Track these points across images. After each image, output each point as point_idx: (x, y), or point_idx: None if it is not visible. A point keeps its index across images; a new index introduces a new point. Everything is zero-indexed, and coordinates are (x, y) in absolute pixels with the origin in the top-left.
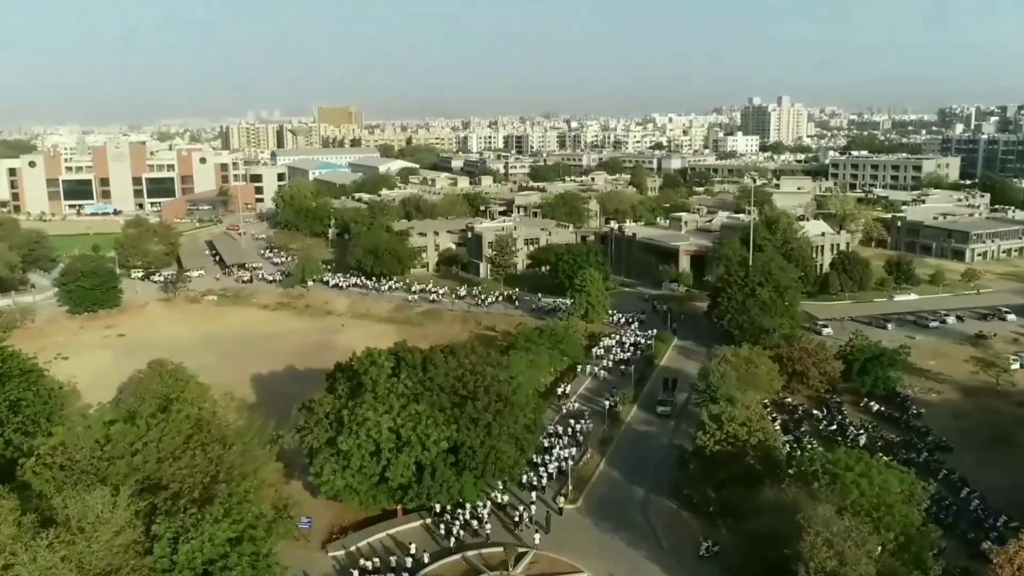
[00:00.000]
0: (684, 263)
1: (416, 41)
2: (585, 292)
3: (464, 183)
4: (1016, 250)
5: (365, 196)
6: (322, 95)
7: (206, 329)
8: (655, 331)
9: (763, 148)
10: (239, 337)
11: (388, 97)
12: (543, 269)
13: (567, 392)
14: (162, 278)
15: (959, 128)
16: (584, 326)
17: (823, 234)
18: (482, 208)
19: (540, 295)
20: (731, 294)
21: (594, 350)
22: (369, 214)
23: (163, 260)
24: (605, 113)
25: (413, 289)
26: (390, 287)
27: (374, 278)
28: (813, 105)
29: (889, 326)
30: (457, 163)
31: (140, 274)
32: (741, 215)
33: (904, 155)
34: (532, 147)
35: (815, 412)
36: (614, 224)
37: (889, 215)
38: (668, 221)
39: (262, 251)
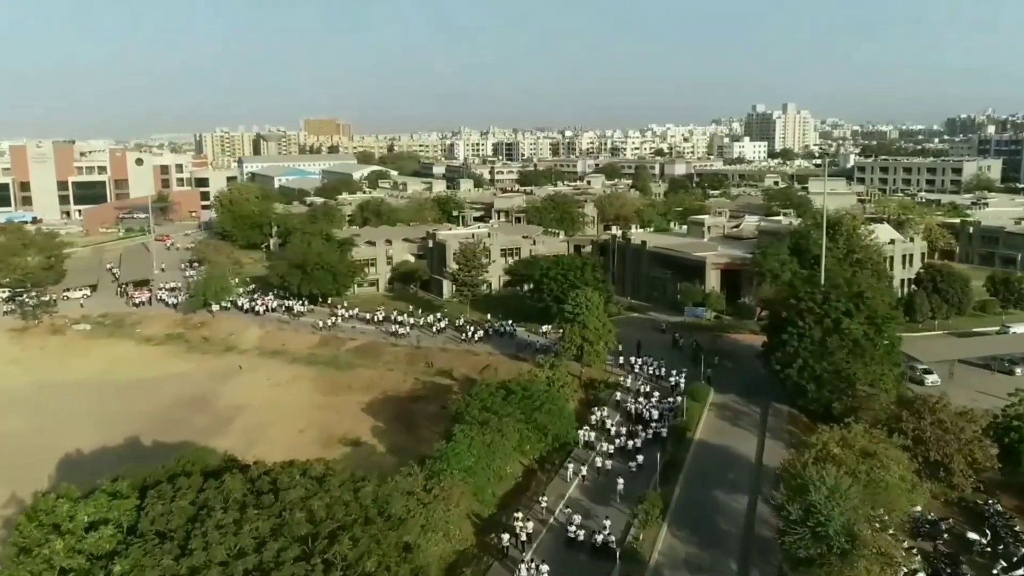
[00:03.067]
0: (712, 280)
1: (411, 58)
2: (579, 322)
3: (442, 188)
4: None
5: (319, 200)
6: (314, 110)
7: (52, 373)
8: (683, 376)
9: (771, 155)
10: (91, 386)
11: (381, 113)
12: (524, 288)
13: (526, 538)
14: (15, 301)
15: (991, 130)
16: (582, 372)
17: (892, 241)
18: (455, 214)
19: (547, 328)
20: (803, 329)
21: (581, 433)
22: (309, 219)
23: (43, 276)
24: (601, 126)
25: (377, 319)
26: (341, 315)
27: (304, 300)
28: (814, 116)
29: (1018, 370)
30: (439, 169)
31: (5, 294)
32: (781, 218)
33: (936, 158)
34: (523, 155)
35: (972, 536)
36: (616, 231)
37: (956, 220)
38: (686, 227)
39: (182, 265)
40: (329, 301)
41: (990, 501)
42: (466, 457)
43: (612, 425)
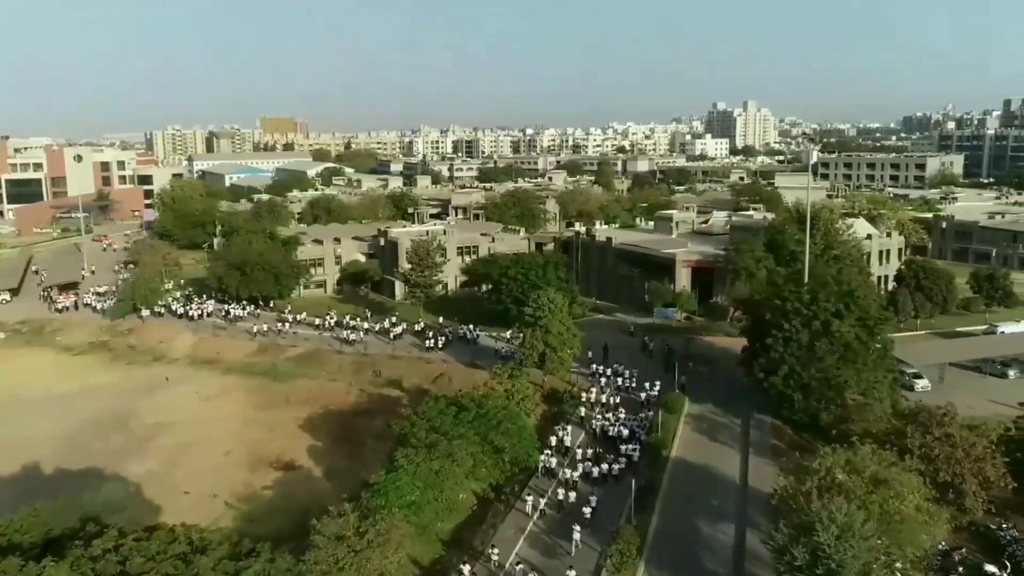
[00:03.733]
0: (683, 278)
1: (373, 59)
2: (541, 326)
3: (398, 185)
4: None
5: (266, 197)
6: (273, 110)
7: None
8: (656, 388)
9: (733, 152)
10: None
11: (341, 112)
12: (483, 289)
13: None
14: None
15: (951, 126)
16: (544, 381)
17: (869, 236)
18: (410, 211)
19: (510, 335)
20: (789, 332)
21: (542, 458)
22: (253, 216)
23: None
24: (562, 125)
25: (327, 323)
26: (285, 320)
27: (245, 303)
28: (774, 114)
29: (1011, 373)
30: (397, 167)
31: None
32: (753, 213)
33: (899, 154)
34: (484, 152)
35: (989, 568)
36: (580, 227)
37: (929, 215)
38: (653, 223)
39: (116, 267)
40: (272, 305)
41: (1004, 526)
42: (409, 490)
43: (577, 446)
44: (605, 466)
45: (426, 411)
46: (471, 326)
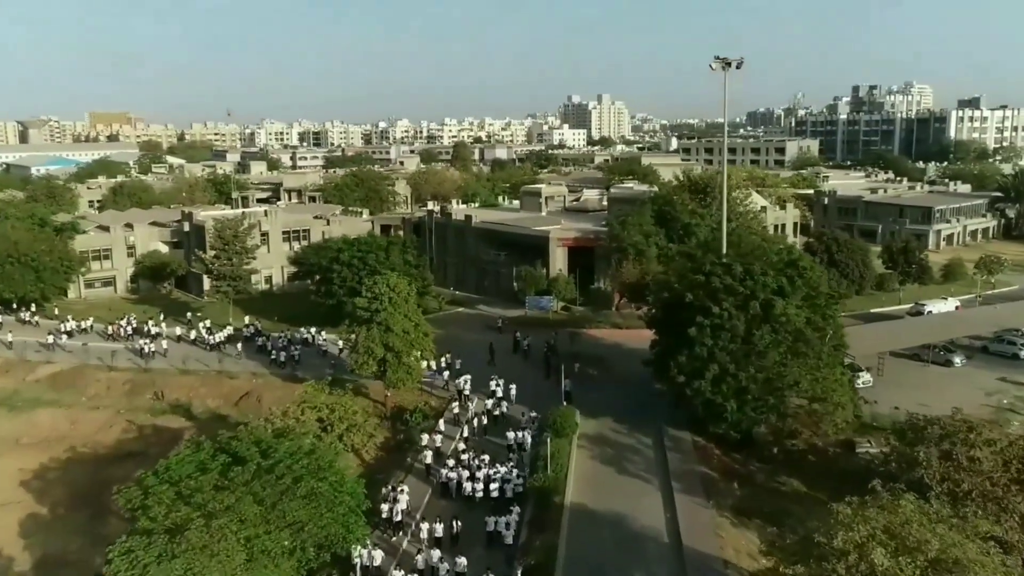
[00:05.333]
0: (559, 260)
1: (213, 49)
2: (380, 322)
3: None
4: (981, 231)
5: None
6: (106, 104)
7: None
8: (529, 430)
9: (591, 143)
10: None
11: (180, 108)
12: (313, 282)
13: None
14: None
15: (801, 113)
16: (387, 397)
17: (763, 209)
18: (235, 195)
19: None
20: (718, 318)
21: (360, 552)
22: (27, 201)
23: None
24: (416, 119)
25: (125, 332)
26: (69, 329)
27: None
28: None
29: (956, 360)
30: (234, 157)
31: None
32: (633, 185)
33: (758, 139)
34: (332, 143)
35: None
36: (433, 206)
37: (810, 190)
38: (520, 200)
39: None
40: (34, 308)
41: None
42: None
43: (420, 519)
44: (463, 561)
45: (173, 467)
46: (315, 329)
